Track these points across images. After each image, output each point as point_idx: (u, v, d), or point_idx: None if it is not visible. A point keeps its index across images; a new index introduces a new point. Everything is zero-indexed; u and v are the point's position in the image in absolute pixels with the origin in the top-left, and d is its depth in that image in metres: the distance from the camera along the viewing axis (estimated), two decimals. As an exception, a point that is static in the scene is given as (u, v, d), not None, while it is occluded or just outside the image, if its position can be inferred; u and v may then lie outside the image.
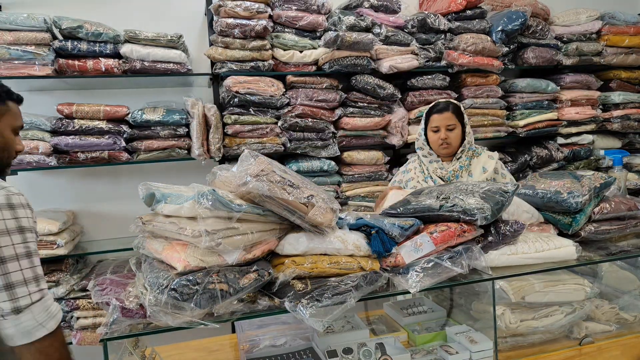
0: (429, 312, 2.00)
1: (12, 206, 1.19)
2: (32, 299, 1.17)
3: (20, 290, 1.16)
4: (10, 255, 1.15)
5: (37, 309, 1.17)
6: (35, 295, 1.18)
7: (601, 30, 3.41)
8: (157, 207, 1.34)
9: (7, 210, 1.17)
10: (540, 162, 3.28)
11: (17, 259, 1.16)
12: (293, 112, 2.81)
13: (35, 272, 1.19)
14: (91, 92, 2.90)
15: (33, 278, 1.18)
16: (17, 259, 1.16)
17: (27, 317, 1.16)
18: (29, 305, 1.16)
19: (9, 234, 1.16)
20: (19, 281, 1.16)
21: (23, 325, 1.16)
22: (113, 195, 2.96)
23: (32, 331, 1.17)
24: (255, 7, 2.71)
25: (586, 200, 1.78)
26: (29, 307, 1.16)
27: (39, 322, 1.17)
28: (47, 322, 1.19)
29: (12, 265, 1.15)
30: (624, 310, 1.96)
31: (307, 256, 1.37)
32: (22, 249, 1.18)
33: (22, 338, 1.16)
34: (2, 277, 1.14)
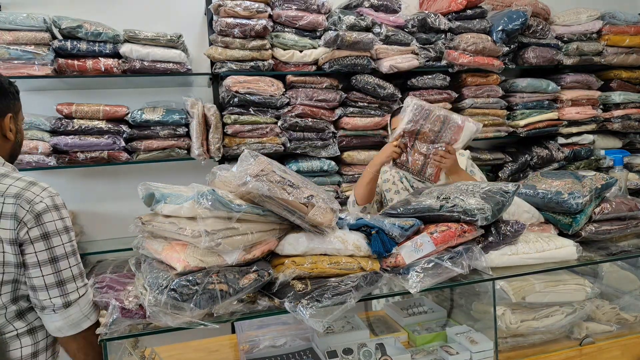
0: (429, 312, 2.00)
1: (57, 207, 1.26)
2: (80, 294, 1.26)
3: (70, 286, 1.24)
4: (61, 254, 1.23)
5: (83, 302, 1.26)
6: (82, 290, 1.27)
7: (602, 30, 3.41)
8: (157, 207, 1.33)
9: (55, 212, 1.24)
10: (541, 162, 3.27)
11: (67, 257, 1.25)
12: (293, 112, 2.81)
13: (80, 268, 1.29)
14: (91, 92, 2.90)
15: (79, 274, 1.28)
16: (66, 257, 1.24)
17: (75, 310, 1.25)
18: (77, 299, 1.25)
19: (59, 234, 1.23)
20: (68, 278, 1.24)
21: (72, 317, 1.24)
22: (112, 195, 2.96)
23: (79, 322, 1.26)
24: (255, 6, 2.71)
25: (587, 201, 1.78)
26: (77, 301, 1.25)
27: (85, 314, 1.27)
28: (91, 314, 1.29)
29: (63, 263, 1.23)
30: (625, 311, 1.96)
31: (307, 256, 1.37)
32: (70, 248, 1.26)
33: (70, 329, 1.25)
34: (55, 274, 1.21)
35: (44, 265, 1.20)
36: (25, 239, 1.18)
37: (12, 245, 1.17)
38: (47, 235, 1.21)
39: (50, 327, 1.25)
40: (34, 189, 1.24)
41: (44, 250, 1.20)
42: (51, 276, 1.21)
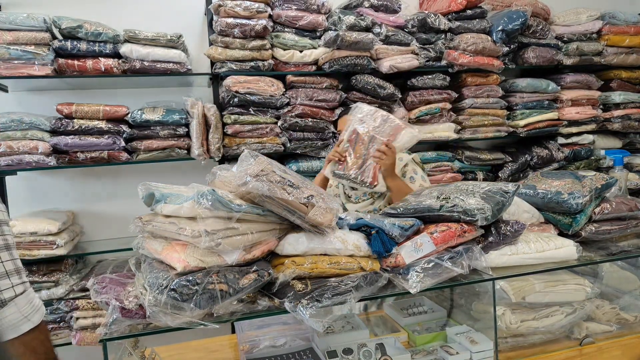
0: (429, 312, 2.00)
1: None
2: (16, 292, 1.12)
3: (3, 283, 1.11)
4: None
5: (22, 302, 1.12)
6: (19, 287, 1.13)
7: (602, 30, 3.41)
8: (157, 207, 1.33)
9: None
10: (541, 162, 3.27)
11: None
12: (293, 112, 2.81)
13: (16, 265, 1.15)
14: (91, 92, 2.90)
15: (15, 270, 1.14)
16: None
17: (12, 311, 1.11)
18: (13, 298, 1.11)
19: None
20: (1, 274, 1.11)
21: (8, 319, 1.11)
22: (112, 195, 2.96)
23: (18, 325, 1.12)
24: (255, 6, 2.71)
25: (587, 201, 1.78)
26: (13, 300, 1.11)
27: (24, 315, 1.13)
28: (32, 315, 1.14)
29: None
30: (625, 311, 1.96)
31: (307, 256, 1.37)
32: (1, 242, 1.13)
33: (9, 333, 1.11)
34: None
35: None
36: None
37: None
38: None
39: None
40: None
41: None
42: None
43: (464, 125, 3.16)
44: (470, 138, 3.18)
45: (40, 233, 2.45)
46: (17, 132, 2.49)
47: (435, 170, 3.11)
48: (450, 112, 3.13)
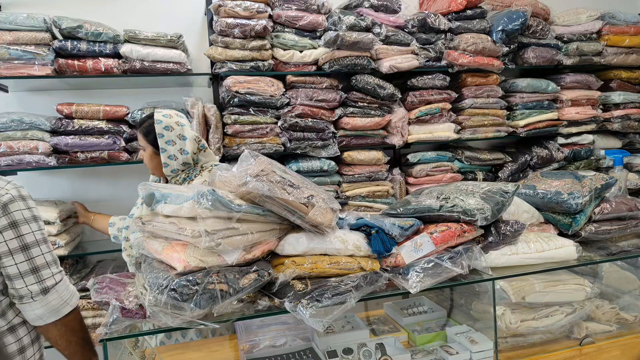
0: (429, 312, 2.00)
1: (24, 197, 1.29)
2: (56, 280, 1.28)
3: (45, 272, 1.26)
4: (32, 242, 1.26)
5: (61, 288, 1.29)
6: (58, 276, 1.29)
7: (601, 30, 3.41)
8: (157, 207, 1.33)
9: (21, 202, 1.27)
10: (541, 162, 3.27)
11: (38, 245, 1.27)
12: (293, 112, 2.81)
13: (53, 256, 1.31)
14: (91, 92, 2.90)
15: (53, 261, 1.30)
16: (38, 245, 1.27)
17: (54, 297, 1.27)
18: (54, 285, 1.27)
19: (27, 222, 1.26)
20: (42, 264, 1.26)
21: (51, 304, 1.27)
22: (113, 195, 2.96)
23: (59, 308, 1.28)
24: (255, 6, 2.71)
25: (586, 202, 1.78)
26: (54, 287, 1.27)
27: (64, 300, 1.29)
28: (70, 299, 1.31)
29: (35, 250, 1.26)
30: (624, 311, 1.96)
31: (307, 256, 1.37)
32: (40, 235, 1.28)
33: (51, 316, 1.27)
34: (28, 262, 1.24)
35: (16, 253, 1.23)
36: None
37: None
38: (15, 224, 1.23)
39: (31, 316, 1.27)
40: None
41: (13, 238, 1.23)
42: (24, 263, 1.23)
43: (463, 125, 3.16)
44: (470, 138, 3.18)
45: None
46: (17, 132, 2.49)
47: (435, 170, 3.11)
48: (450, 112, 3.13)
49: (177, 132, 1.86)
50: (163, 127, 1.84)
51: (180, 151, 1.85)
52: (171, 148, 1.85)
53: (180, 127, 1.89)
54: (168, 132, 1.85)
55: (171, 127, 1.85)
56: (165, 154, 1.85)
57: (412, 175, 3.11)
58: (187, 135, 1.89)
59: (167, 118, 1.88)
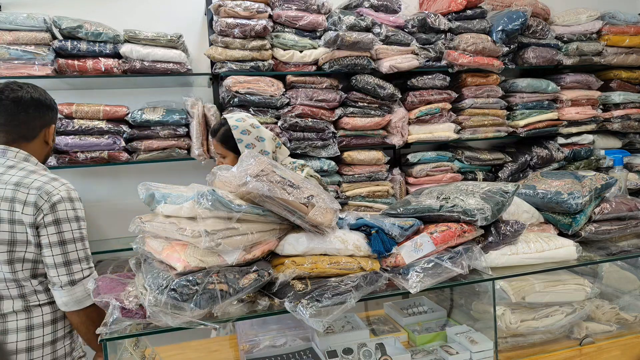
0: (429, 312, 2.00)
1: (71, 199, 1.48)
2: (84, 274, 1.47)
3: (76, 267, 1.45)
4: (69, 239, 1.44)
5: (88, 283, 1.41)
6: (86, 271, 1.48)
7: (601, 30, 3.41)
8: (157, 207, 1.33)
9: (68, 203, 1.46)
10: (541, 162, 3.27)
11: (74, 242, 1.45)
12: (293, 112, 2.81)
13: (86, 253, 1.49)
14: (91, 92, 2.90)
15: (85, 257, 1.48)
16: (74, 242, 1.45)
17: (79, 289, 1.45)
18: (82, 279, 1.46)
19: (69, 221, 1.45)
20: (74, 259, 1.45)
21: (76, 295, 1.45)
22: (113, 195, 2.96)
23: (82, 300, 1.46)
24: (255, 6, 2.71)
25: (586, 202, 1.78)
26: (82, 281, 1.46)
27: (88, 294, 1.44)
28: None
29: (71, 246, 1.44)
30: (625, 311, 1.96)
31: (307, 256, 1.37)
32: (78, 234, 1.47)
33: (74, 305, 1.46)
34: (62, 255, 1.43)
35: (54, 247, 1.42)
36: (41, 223, 1.41)
37: (31, 228, 1.40)
38: (58, 221, 1.42)
39: (59, 301, 1.45)
40: (54, 184, 1.47)
41: (54, 233, 1.42)
42: (60, 256, 1.42)
43: (463, 125, 3.16)
44: (470, 138, 3.18)
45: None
46: (17, 132, 2.49)
47: (435, 170, 3.11)
48: (450, 112, 3.13)
49: (254, 135, 1.86)
50: (240, 132, 1.84)
51: (261, 152, 1.84)
52: None
53: (257, 129, 1.88)
54: (246, 136, 1.85)
55: (248, 131, 1.85)
56: None
57: (412, 175, 3.11)
58: (265, 135, 1.89)
59: (242, 122, 1.87)
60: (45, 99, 1.57)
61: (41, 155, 1.62)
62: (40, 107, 1.55)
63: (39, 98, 1.55)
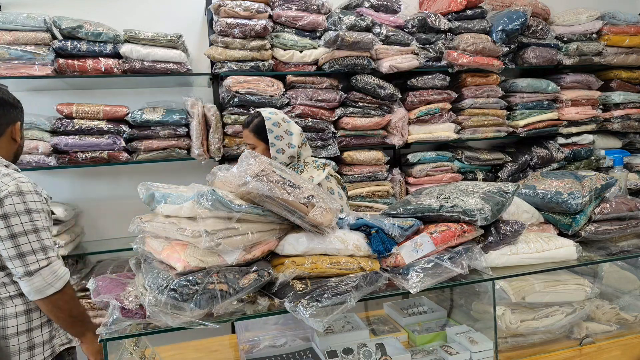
0: (429, 312, 2.00)
1: (21, 193, 1.48)
2: (40, 265, 1.47)
3: (30, 258, 1.46)
4: (19, 232, 1.45)
5: (46, 273, 1.47)
6: (43, 262, 1.48)
7: (601, 30, 3.41)
8: (157, 207, 1.33)
9: (17, 197, 1.47)
10: (541, 162, 3.27)
11: (26, 234, 1.46)
12: (293, 112, 2.81)
13: (42, 244, 1.49)
14: (91, 92, 2.90)
15: (41, 248, 1.48)
16: (25, 234, 1.46)
17: (37, 279, 1.46)
18: (38, 270, 1.46)
19: (17, 215, 1.46)
20: (28, 251, 1.46)
21: (35, 285, 1.46)
22: (113, 196, 2.96)
23: (43, 289, 1.48)
24: (255, 7, 2.71)
25: (586, 202, 1.78)
26: (38, 271, 1.46)
27: (48, 283, 1.48)
28: (55, 282, 1.49)
29: (22, 239, 1.46)
30: (625, 311, 1.96)
31: (307, 256, 1.37)
32: (30, 226, 1.47)
33: (36, 295, 1.47)
34: (15, 248, 1.45)
35: (5, 240, 1.44)
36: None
37: None
38: (6, 216, 1.44)
39: (24, 291, 1.49)
40: (4, 179, 1.49)
41: (3, 227, 1.44)
42: (12, 249, 1.45)
43: (463, 125, 3.16)
44: (470, 138, 3.18)
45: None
46: (17, 132, 2.49)
47: (435, 170, 3.11)
48: (450, 112, 3.13)
49: (284, 128, 1.98)
50: (272, 124, 1.97)
51: (288, 145, 1.97)
52: (279, 142, 1.96)
53: (287, 123, 2.00)
54: (276, 128, 1.97)
55: (279, 124, 1.98)
56: (274, 148, 1.96)
57: (412, 175, 3.11)
58: (293, 130, 2.00)
59: (274, 115, 2.00)
60: (7, 97, 1.63)
61: (9, 153, 1.65)
62: (4, 105, 1.61)
63: (1, 97, 1.60)
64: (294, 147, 1.98)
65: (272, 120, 1.98)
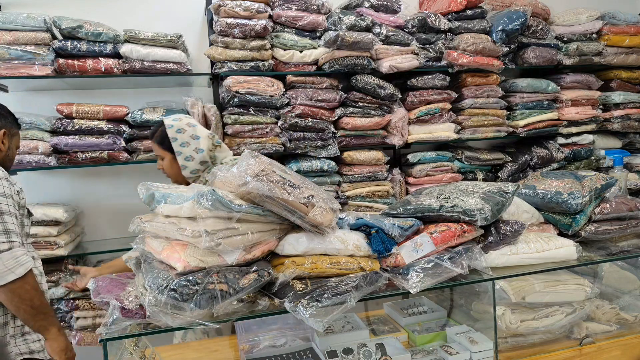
0: (429, 312, 2.00)
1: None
2: (0, 248, 1.41)
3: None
4: None
5: (6, 257, 1.41)
6: (4, 245, 1.41)
7: (601, 30, 3.41)
8: (157, 207, 1.33)
9: None
10: (541, 162, 3.27)
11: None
12: (293, 112, 2.81)
13: (5, 227, 1.44)
14: (91, 92, 2.90)
15: (2, 231, 1.43)
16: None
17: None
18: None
19: None
20: None
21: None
22: (113, 196, 2.96)
23: (3, 275, 1.40)
24: (255, 6, 2.71)
25: (586, 202, 1.78)
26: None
27: (8, 268, 1.41)
28: (15, 269, 1.42)
29: None
30: (625, 311, 1.96)
31: (307, 256, 1.37)
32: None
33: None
34: None
35: None
36: None
37: None
38: None
39: None
40: None
41: None
42: None
43: (463, 125, 3.16)
44: (470, 138, 3.18)
45: (40, 235, 2.46)
46: (17, 132, 2.49)
47: (435, 170, 3.11)
48: (450, 112, 3.13)
49: (189, 133, 1.88)
50: (175, 131, 1.87)
51: (195, 150, 1.87)
52: (186, 149, 1.87)
53: (192, 127, 1.91)
54: (181, 135, 1.87)
55: (183, 130, 1.88)
56: (182, 156, 1.87)
57: (412, 175, 3.11)
58: (200, 134, 1.90)
59: (177, 121, 1.90)
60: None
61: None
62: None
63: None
64: (203, 151, 1.88)
65: (175, 128, 1.87)
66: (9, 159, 1.69)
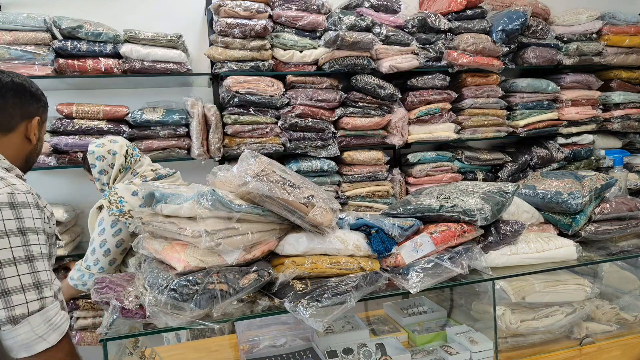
0: (429, 312, 2.00)
1: (16, 205, 1.09)
2: (30, 309, 1.06)
3: (17, 298, 1.05)
4: (6, 259, 1.05)
5: (36, 321, 1.06)
6: (34, 304, 1.06)
7: (601, 30, 3.41)
8: (157, 207, 1.33)
9: (9, 210, 1.07)
10: (541, 162, 3.27)
11: (15, 264, 1.05)
12: (293, 112, 2.81)
13: (36, 278, 1.08)
14: (91, 92, 2.90)
15: (33, 285, 1.07)
16: (14, 264, 1.05)
17: (25, 329, 1.05)
18: (26, 316, 1.05)
19: (7, 236, 1.06)
20: (15, 288, 1.05)
21: (21, 337, 1.05)
22: (113, 195, 2.96)
23: (31, 344, 1.06)
24: (255, 6, 2.71)
25: (586, 202, 1.78)
26: (27, 318, 1.05)
27: (39, 335, 1.07)
28: (48, 335, 1.08)
29: (8, 270, 1.05)
30: (625, 311, 1.96)
31: (307, 256, 1.37)
32: (22, 252, 1.07)
33: (21, 351, 1.06)
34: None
35: None
36: None
37: None
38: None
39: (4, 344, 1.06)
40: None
41: None
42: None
43: (463, 125, 3.16)
44: (470, 138, 3.18)
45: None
46: (17, 132, 2.49)
47: (435, 170, 3.11)
48: (450, 112, 3.13)
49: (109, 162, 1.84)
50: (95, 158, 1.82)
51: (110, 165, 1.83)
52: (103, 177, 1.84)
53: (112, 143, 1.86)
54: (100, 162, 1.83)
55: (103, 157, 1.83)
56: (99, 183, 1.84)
57: (412, 175, 3.11)
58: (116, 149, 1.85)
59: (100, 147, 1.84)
60: (30, 86, 1.30)
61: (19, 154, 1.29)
62: (23, 93, 1.27)
63: (22, 83, 1.27)
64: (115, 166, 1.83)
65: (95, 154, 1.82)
66: (37, 153, 1.37)
